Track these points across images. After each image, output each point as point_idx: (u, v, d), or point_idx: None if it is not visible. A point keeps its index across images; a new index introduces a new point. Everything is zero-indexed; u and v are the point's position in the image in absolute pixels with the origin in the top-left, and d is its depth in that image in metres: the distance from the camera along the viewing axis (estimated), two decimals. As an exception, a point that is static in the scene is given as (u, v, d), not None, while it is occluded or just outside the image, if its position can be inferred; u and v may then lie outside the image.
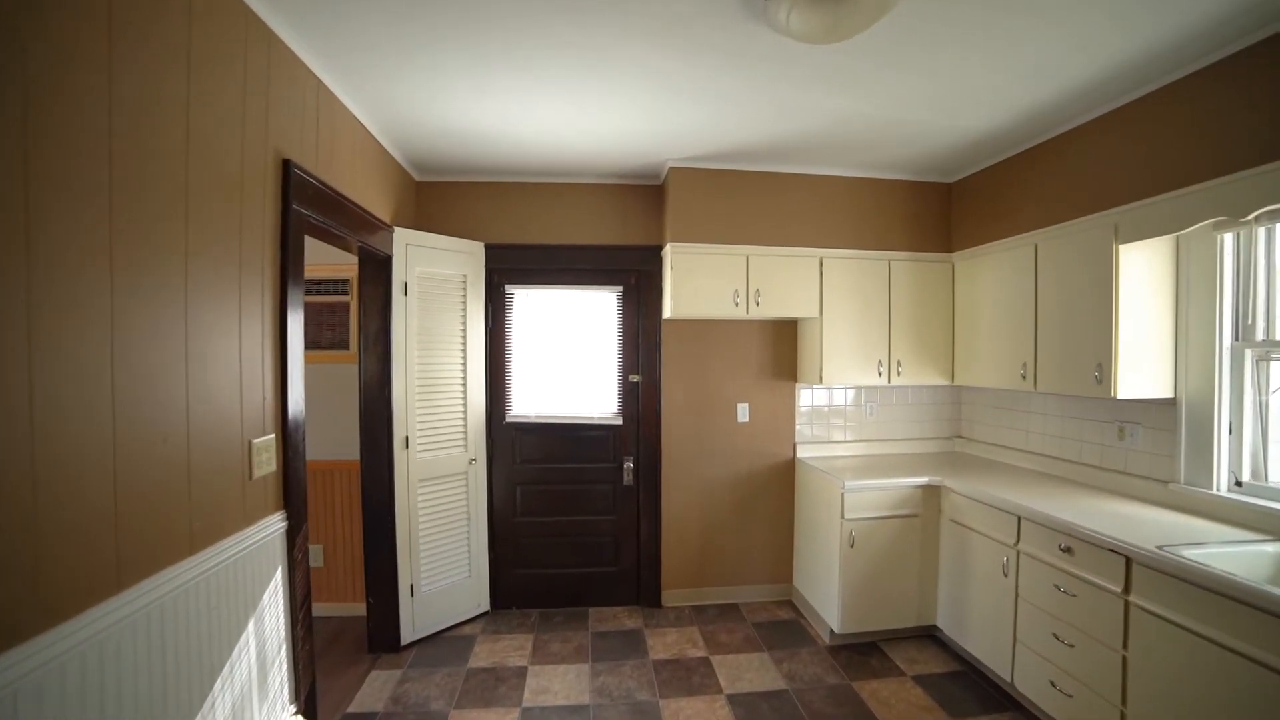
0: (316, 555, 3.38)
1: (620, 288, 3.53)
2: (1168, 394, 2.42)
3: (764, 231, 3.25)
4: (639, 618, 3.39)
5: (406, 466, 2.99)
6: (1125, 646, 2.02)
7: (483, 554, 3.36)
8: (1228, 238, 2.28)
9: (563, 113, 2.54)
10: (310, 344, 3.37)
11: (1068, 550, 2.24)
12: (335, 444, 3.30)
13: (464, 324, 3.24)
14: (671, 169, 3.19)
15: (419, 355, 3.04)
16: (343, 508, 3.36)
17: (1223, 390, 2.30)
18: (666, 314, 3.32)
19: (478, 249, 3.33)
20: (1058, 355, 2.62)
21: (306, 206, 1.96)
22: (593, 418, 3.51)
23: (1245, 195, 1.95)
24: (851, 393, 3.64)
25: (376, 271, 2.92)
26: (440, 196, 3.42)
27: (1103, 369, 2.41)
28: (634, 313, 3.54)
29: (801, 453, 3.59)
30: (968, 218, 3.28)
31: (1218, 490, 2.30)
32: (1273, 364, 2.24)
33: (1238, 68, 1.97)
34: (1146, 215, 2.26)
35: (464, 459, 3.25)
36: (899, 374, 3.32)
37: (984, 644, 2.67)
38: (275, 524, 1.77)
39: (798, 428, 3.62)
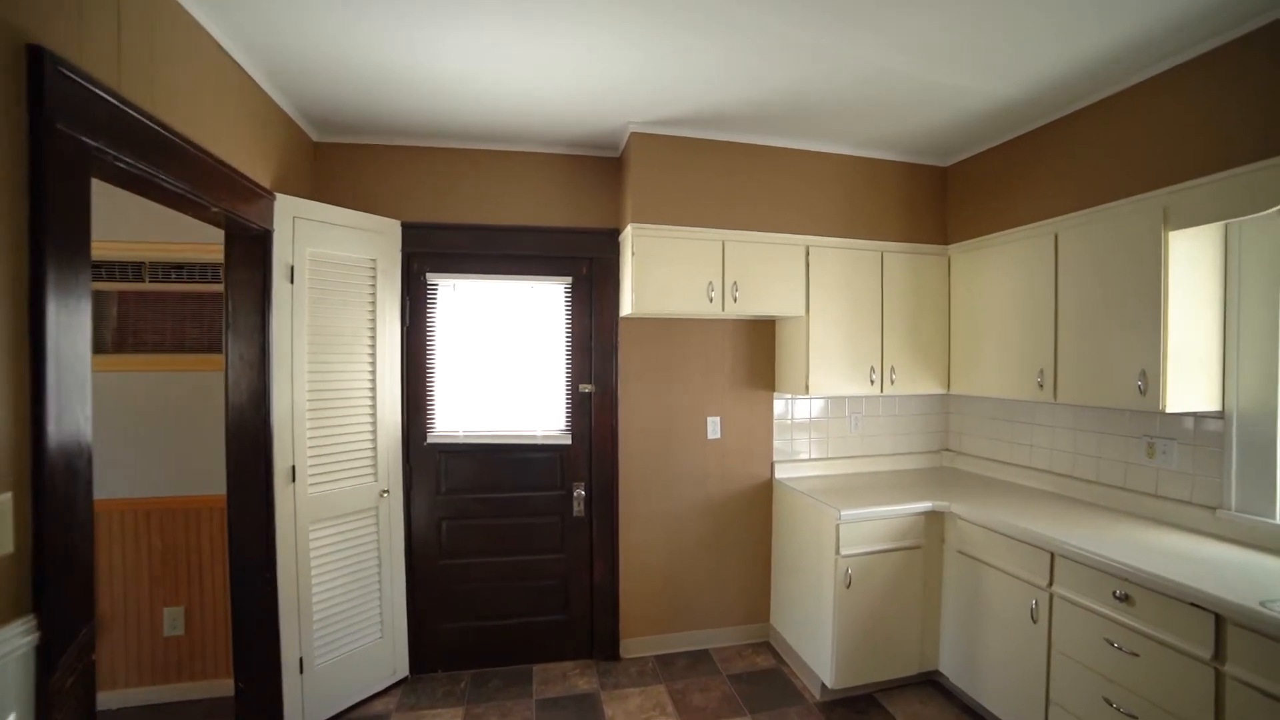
0: (176, 620, 2.61)
1: (569, 279, 2.95)
2: (1215, 407, 2.09)
3: (743, 214, 2.75)
4: (594, 676, 2.81)
5: (294, 505, 2.29)
6: (1212, 724, 1.64)
7: (399, 608, 2.69)
8: (1285, 226, 1.97)
9: (485, 40, 1.95)
10: (171, 346, 2.61)
11: (1125, 599, 1.84)
12: (204, 476, 2.56)
13: (373, 322, 2.57)
14: (634, 135, 2.65)
15: (313, 361, 2.35)
16: (215, 555, 2.61)
17: (1282, 402, 1.98)
18: (626, 310, 2.77)
19: (391, 229, 2.67)
20: (1087, 361, 2.26)
21: (99, 138, 1.28)
22: (535, 436, 2.91)
23: (1342, 169, 1.61)
24: (833, 403, 3.21)
25: (250, 251, 2.21)
26: (346, 162, 2.72)
27: (1148, 378, 2.04)
28: (586, 309, 2.96)
29: (780, 473, 3.12)
30: (967, 205, 2.91)
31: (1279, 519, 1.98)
32: (1332, 372, 1.94)
33: None
34: (1209, 195, 1.90)
35: (373, 491, 2.58)
36: (892, 382, 2.91)
37: (1004, 700, 2.27)
38: (11, 640, 1.09)
39: (775, 444, 3.15)
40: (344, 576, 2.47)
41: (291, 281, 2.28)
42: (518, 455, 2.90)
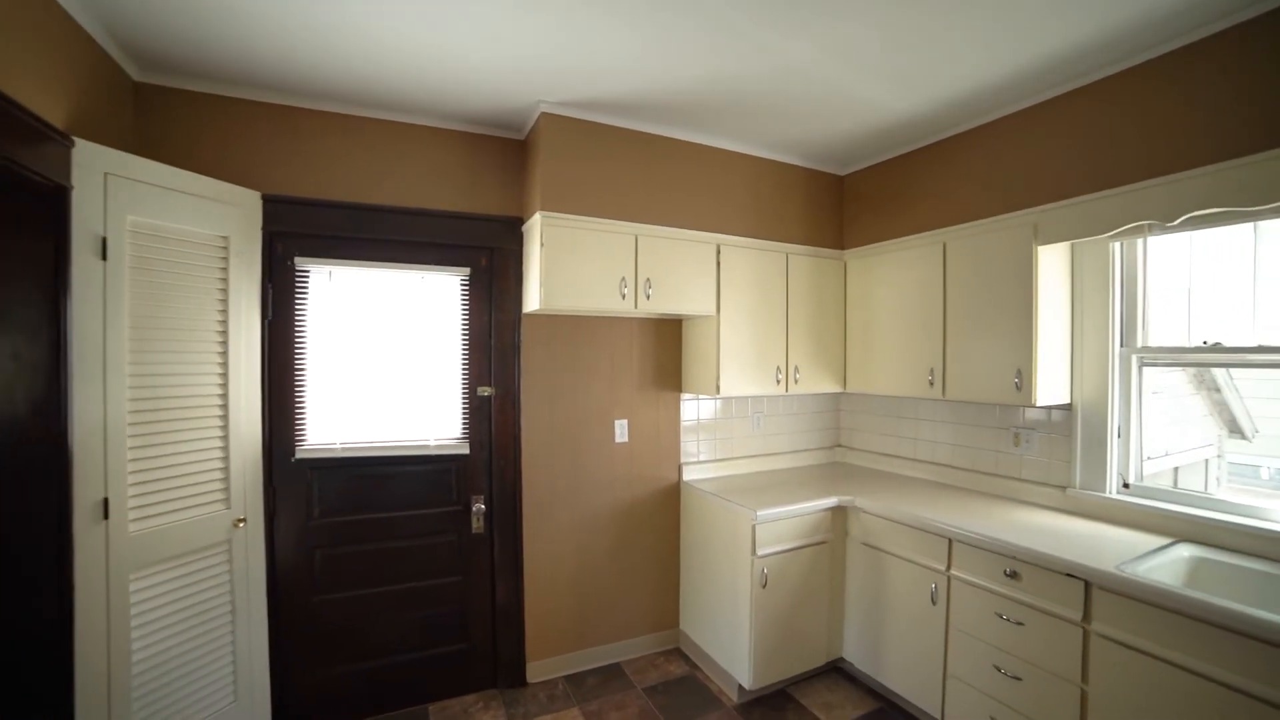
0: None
1: (467, 270, 2.65)
2: (1066, 400, 2.40)
3: (657, 209, 2.67)
4: (499, 707, 2.55)
5: (105, 550, 1.76)
6: (1085, 679, 1.85)
7: (260, 662, 2.20)
8: (1116, 245, 2.32)
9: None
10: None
11: (1014, 575, 2.04)
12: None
13: (225, 313, 2.08)
14: (544, 115, 2.44)
15: (137, 362, 1.84)
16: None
17: (1114, 395, 2.33)
18: (532, 306, 2.55)
19: (249, 201, 2.19)
20: (972, 361, 2.49)
21: None
22: (428, 446, 2.57)
23: (1175, 199, 1.91)
24: (736, 403, 3.25)
25: (32, 212, 1.66)
26: (186, 113, 2.19)
27: (1023, 375, 2.30)
28: (485, 304, 2.69)
29: (688, 475, 3.09)
30: (862, 213, 3.09)
31: (1110, 493, 2.32)
32: (1147, 370, 2.33)
33: (1178, 65, 1.92)
34: (1068, 216, 2.18)
35: (224, 522, 2.09)
36: (796, 381, 3.01)
37: (906, 678, 2.42)
38: None
39: (683, 446, 3.11)
40: (180, 634, 1.95)
41: (104, 258, 1.76)
42: (408, 468, 2.54)
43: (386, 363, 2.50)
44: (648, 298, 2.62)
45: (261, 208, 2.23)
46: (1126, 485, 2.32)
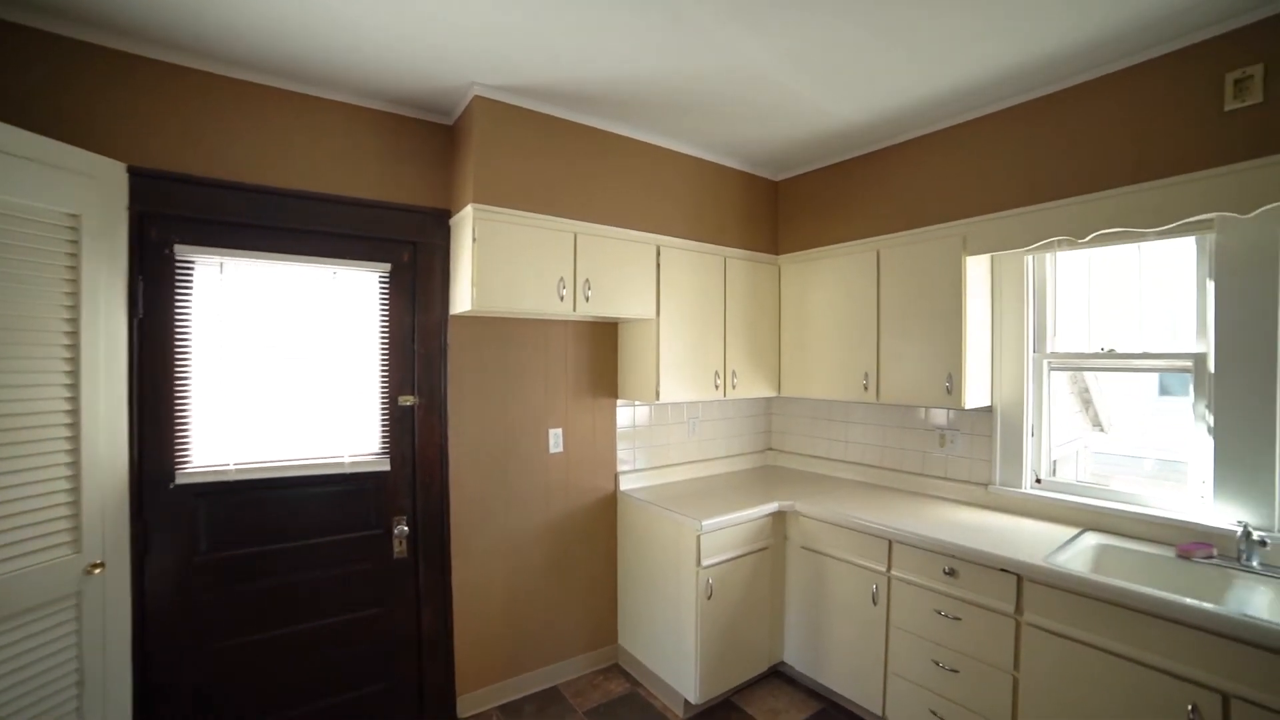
0: None
1: (387, 266, 2.38)
2: (988, 402, 2.55)
3: (597, 207, 2.53)
4: (424, 753, 2.30)
5: (-92, 615, 1.36)
6: (1017, 667, 1.95)
7: (120, 734, 1.82)
8: (1030, 258, 2.50)
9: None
10: None
11: (952, 573, 2.11)
12: None
13: (75, 309, 1.69)
14: (478, 99, 2.23)
15: (-51, 371, 1.44)
16: None
17: (1028, 397, 2.50)
18: (462, 307, 2.33)
19: (110, 173, 1.80)
20: (905, 365, 2.57)
21: None
22: (342, 464, 2.27)
23: (1087, 218, 2.07)
24: (673, 409, 3.18)
25: None
26: (19, 55, 1.76)
27: (953, 379, 2.40)
28: (408, 304, 2.42)
29: (625, 484, 2.97)
30: (797, 218, 3.13)
31: (1025, 489, 2.49)
32: (1055, 374, 2.52)
33: (1096, 93, 2.07)
34: (995, 228, 2.30)
35: (72, 570, 1.69)
36: (734, 386, 2.98)
37: (848, 678, 2.45)
38: None
39: (619, 454, 3.00)
40: None
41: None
42: (318, 490, 2.22)
43: (292, 370, 2.17)
44: (587, 299, 2.48)
45: (128, 182, 1.85)
46: (1039, 480, 2.50)
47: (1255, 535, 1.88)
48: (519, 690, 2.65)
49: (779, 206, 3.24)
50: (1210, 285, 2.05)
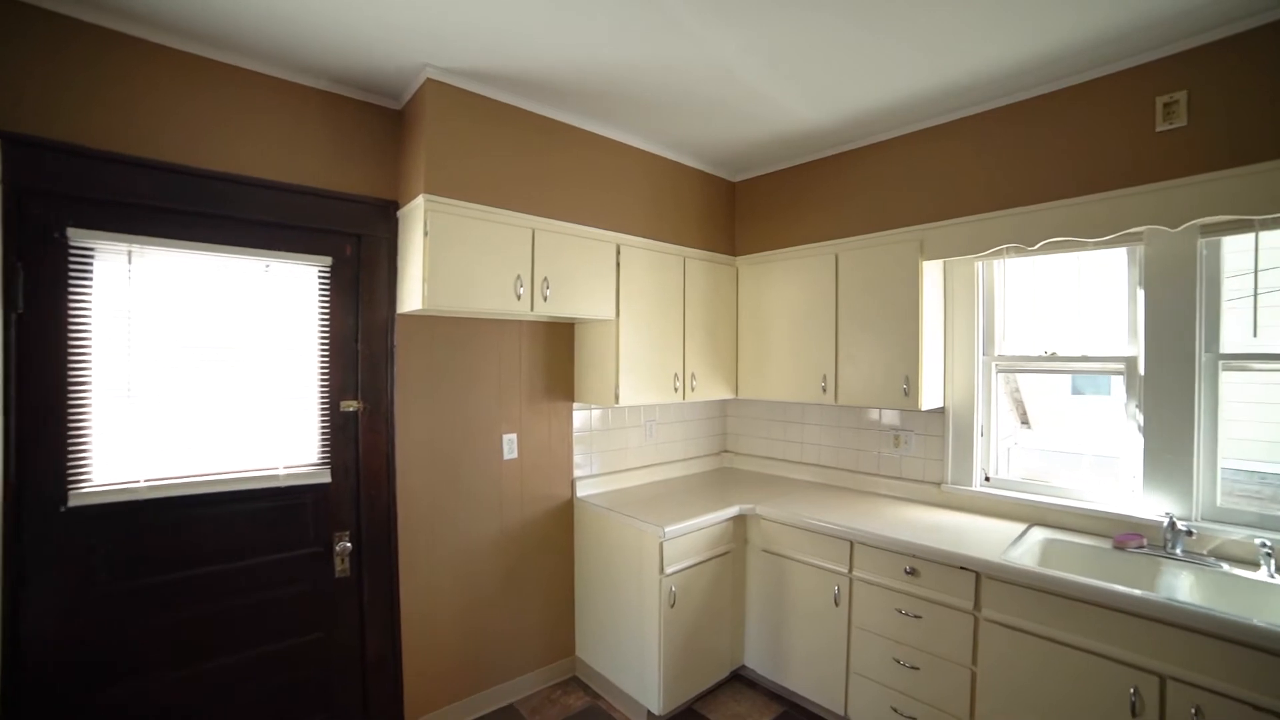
0: None
1: (328, 260, 2.17)
2: (941, 404, 2.63)
3: (557, 201, 2.43)
4: (368, 789, 2.12)
5: None
6: (975, 661, 2.01)
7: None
8: (980, 264, 2.60)
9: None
10: None
11: (913, 572, 2.15)
12: None
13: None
14: (430, 82, 2.08)
15: None
16: None
17: (978, 398, 2.60)
18: (411, 305, 2.17)
19: (-12, 144, 1.53)
20: (863, 367, 2.61)
21: None
22: (276, 476, 2.05)
23: (1037, 226, 2.16)
24: (629, 412, 3.11)
25: None
26: None
27: (910, 381, 2.46)
28: (351, 302, 2.23)
29: (582, 490, 2.87)
30: (755, 220, 3.13)
31: (975, 487, 2.59)
32: (1001, 375, 2.64)
33: (1053, 105, 2.15)
34: (952, 235, 2.37)
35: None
36: (693, 389, 2.95)
37: (810, 679, 2.46)
38: None
39: (576, 459, 2.90)
40: None
41: None
42: (248, 506, 2.00)
43: (218, 375, 1.94)
44: (545, 299, 2.37)
45: (1, 152, 1.58)
46: (988, 478, 2.61)
47: (1180, 525, 2.03)
48: (473, 710, 2.50)
49: (736, 207, 3.23)
50: (1140, 293, 2.19)
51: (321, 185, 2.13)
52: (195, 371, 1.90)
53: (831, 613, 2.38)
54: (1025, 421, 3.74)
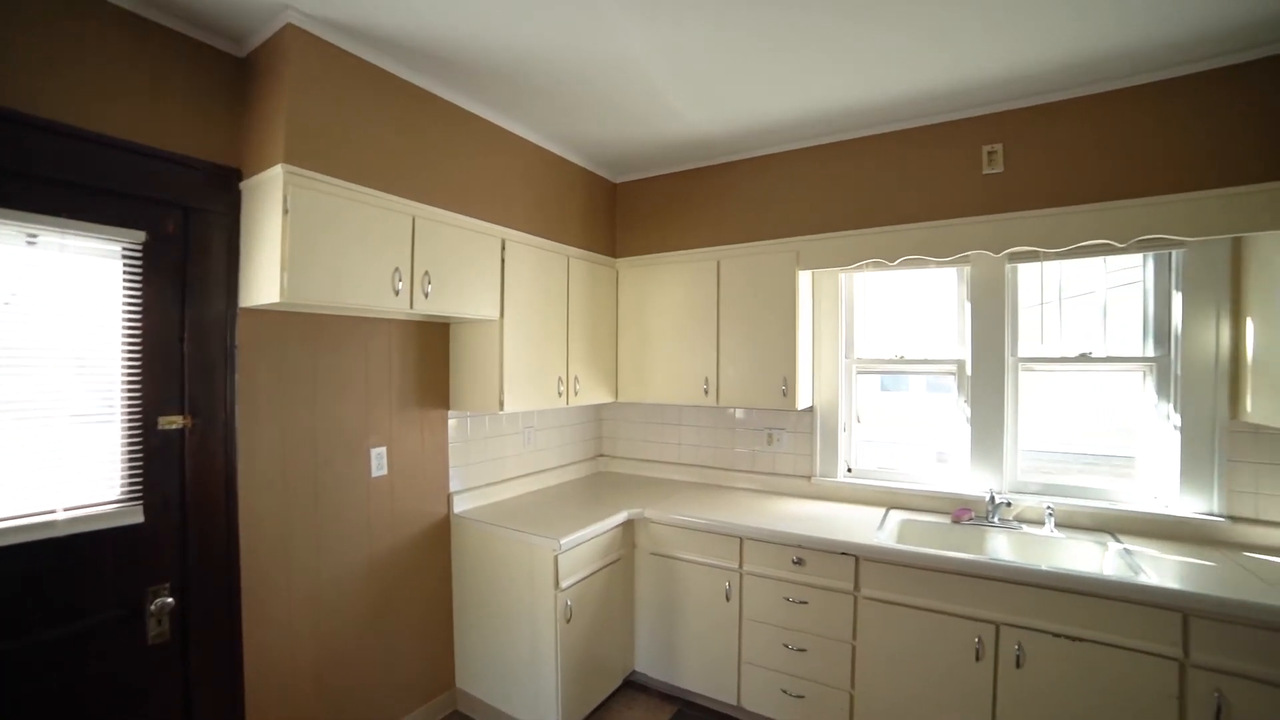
0: None
1: (141, 235, 1.69)
2: (810, 403, 2.87)
3: (439, 187, 2.18)
4: None
5: None
6: (855, 637, 2.21)
7: None
8: (844, 275, 2.88)
9: None
10: None
11: (800, 562, 2.31)
12: None
13: None
14: (292, 29, 1.72)
15: None
16: None
17: (842, 397, 2.88)
18: (264, 298, 1.78)
19: None
20: (745, 371, 2.74)
21: None
22: (54, 524, 1.53)
23: (897, 244, 2.45)
24: (507, 419, 2.91)
25: None
26: None
27: (788, 383, 2.64)
28: (174, 292, 1.76)
29: (460, 505, 2.62)
30: (637, 222, 3.12)
31: (839, 478, 2.86)
32: (860, 376, 2.95)
33: (910, 139, 2.43)
34: (826, 247, 2.59)
35: None
36: (577, 393, 2.85)
37: (703, 675, 2.51)
38: None
39: (452, 472, 2.63)
40: None
41: None
42: (9, 566, 1.46)
43: (-44, 384, 1.39)
44: (426, 295, 2.11)
45: None
46: (850, 470, 2.90)
47: (998, 499, 2.44)
48: (336, 776, 2.14)
49: (618, 208, 3.20)
50: (968, 306, 2.61)
51: (133, 138, 1.65)
52: (-76, 382, 1.35)
53: (723, 608, 2.46)
54: (858, 418, 4.26)
